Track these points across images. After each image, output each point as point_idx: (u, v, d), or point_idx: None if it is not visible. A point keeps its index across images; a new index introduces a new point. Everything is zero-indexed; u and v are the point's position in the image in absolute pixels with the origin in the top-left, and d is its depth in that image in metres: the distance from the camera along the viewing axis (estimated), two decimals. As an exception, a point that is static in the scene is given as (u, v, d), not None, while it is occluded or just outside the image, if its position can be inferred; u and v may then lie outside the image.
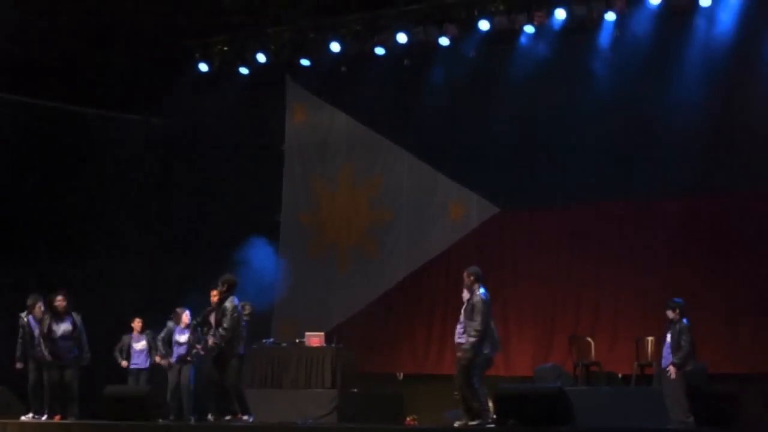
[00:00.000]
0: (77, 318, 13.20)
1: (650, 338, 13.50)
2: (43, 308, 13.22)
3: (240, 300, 12.33)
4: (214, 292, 12.53)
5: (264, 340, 15.42)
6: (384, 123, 16.98)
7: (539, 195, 15.54)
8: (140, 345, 14.63)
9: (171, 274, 16.87)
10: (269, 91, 17.71)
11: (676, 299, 12.40)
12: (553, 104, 15.40)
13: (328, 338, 15.04)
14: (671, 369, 11.96)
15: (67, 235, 16.62)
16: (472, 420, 10.97)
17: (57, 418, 12.90)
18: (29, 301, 13.37)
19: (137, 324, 14.69)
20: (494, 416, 10.98)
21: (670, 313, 12.28)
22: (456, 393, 13.01)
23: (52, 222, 16.50)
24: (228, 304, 12.13)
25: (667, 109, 14.49)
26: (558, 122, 15.29)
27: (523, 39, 15.59)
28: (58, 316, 13.02)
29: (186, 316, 13.89)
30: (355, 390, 14.47)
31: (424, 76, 16.45)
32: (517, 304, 15.45)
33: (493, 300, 14.67)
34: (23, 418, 12.83)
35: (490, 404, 11.82)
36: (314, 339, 14.92)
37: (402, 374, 15.79)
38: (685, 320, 12.20)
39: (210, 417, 12.25)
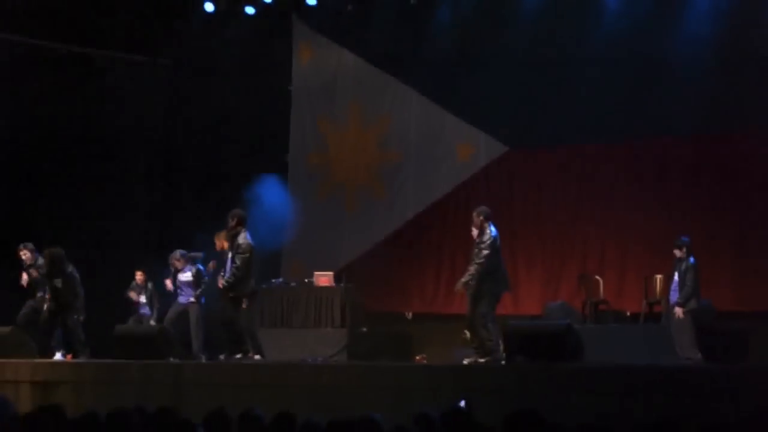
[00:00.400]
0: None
1: (659, 276, 13.50)
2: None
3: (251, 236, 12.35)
4: (220, 237, 12.52)
5: (273, 280, 15.46)
6: (392, 62, 16.87)
7: (548, 134, 15.49)
8: (142, 298, 14.69)
9: (180, 218, 16.86)
10: (276, 31, 17.58)
11: (684, 238, 12.42)
12: (562, 42, 15.29)
13: (337, 278, 15.06)
14: (677, 308, 12.01)
15: (75, 177, 16.57)
16: (482, 357, 11.04)
17: (68, 357, 13.00)
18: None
19: (139, 277, 14.70)
20: (504, 354, 11.05)
21: (677, 252, 12.31)
22: (465, 332, 13.11)
23: (59, 162, 16.43)
24: (241, 240, 12.11)
25: (678, 46, 14.38)
26: (567, 60, 15.18)
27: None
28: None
29: (178, 257, 13.74)
30: (365, 329, 14.52)
31: (431, 14, 16.36)
32: (526, 243, 15.46)
33: (502, 239, 14.71)
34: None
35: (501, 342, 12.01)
36: (323, 278, 14.94)
37: (411, 313, 15.84)
38: (691, 259, 12.23)
39: (221, 356, 12.30)
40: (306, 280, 15.15)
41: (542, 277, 15.37)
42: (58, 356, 12.86)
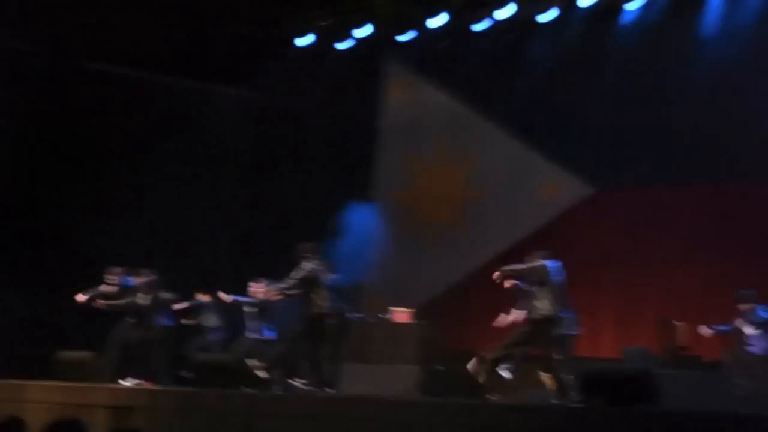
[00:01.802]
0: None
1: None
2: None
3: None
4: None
5: (349, 314, 15.45)
6: (480, 100, 16.93)
7: (633, 176, 15.36)
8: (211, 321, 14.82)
9: (264, 249, 16.99)
10: (367, 68, 17.74)
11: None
12: (650, 83, 15.23)
13: (415, 315, 15.01)
14: None
15: (162, 207, 16.82)
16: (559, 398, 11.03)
17: (147, 384, 13.14)
18: None
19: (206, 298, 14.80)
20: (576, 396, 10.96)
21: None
22: (541, 373, 12.97)
23: (147, 194, 16.70)
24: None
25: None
26: (655, 102, 15.09)
27: (622, 16, 15.39)
28: None
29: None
30: (439, 367, 14.43)
31: (522, 53, 16.37)
32: (606, 286, 15.32)
33: (582, 281, 14.63)
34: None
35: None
36: (401, 315, 14.91)
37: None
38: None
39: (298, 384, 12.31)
40: (383, 316, 15.13)
41: (621, 319, 15.21)
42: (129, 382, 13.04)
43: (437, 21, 16.48)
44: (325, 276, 12.40)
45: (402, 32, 17.13)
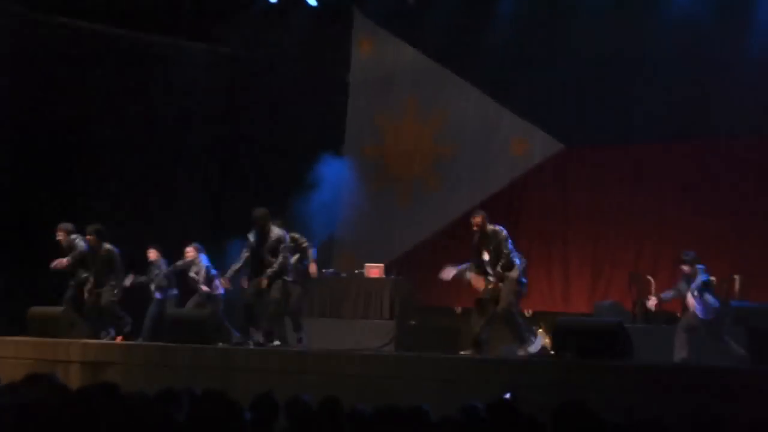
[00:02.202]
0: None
1: (712, 278, 13.35)
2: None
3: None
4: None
5: (324, 270, 15.50)
6: (450, 57, 16.90)
7: (604, 132, 15.41)
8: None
9: (235, 205, 16.95)
10: (336, 24, 17.65)
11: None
12: (621, 39, 15.19)
13: (388, 270, 15.07)
14: None
15: (129, 161, 16.71)
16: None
17: (119, 339, 13.14)
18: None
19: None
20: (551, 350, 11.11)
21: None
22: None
23: (115, 147, 16.57)
24: (273, 235, 12.22)
25: (741, 46, 14.23)
26: (626, 58, 15.09)
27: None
28: None
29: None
30: (413, 322, 14.52)
31: (491, 9, 16.33)
32: (578, 241, 15.44)
33: (554, 236, 14.75)
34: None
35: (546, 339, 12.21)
36: (374, 270, 14.96)
37: (460, 308, 15.81)
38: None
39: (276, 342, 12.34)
40: (356, 271, 15.18)
41: (593, 275, 15.31)
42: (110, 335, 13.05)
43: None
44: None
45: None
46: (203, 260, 14.03)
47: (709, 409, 5.90)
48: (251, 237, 12.28)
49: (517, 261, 11.69)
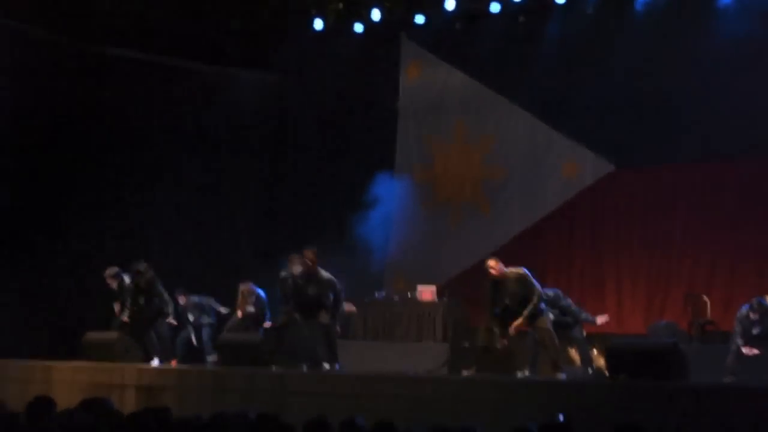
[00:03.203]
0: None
1: (768, 298, 13.21)
2: None
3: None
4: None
5: (376, 293, 15.54)
6: (499, 80, 16.88)
7: (656, 153, 15.31)
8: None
9: (284, 232, 17.04)
10: (384, 49, 17.73)
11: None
12: (672, 60, 15.10)
13: (440, 292, 15.05)
14: None
15: (180, 186, 16.85)
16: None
17: (173, 363, 13.24)
18: None
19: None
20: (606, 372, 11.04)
21: None
22: (569, 348, 13.04)
23: (167, 171, 16.71)
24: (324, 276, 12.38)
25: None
26: (677, 79, 14.99)
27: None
28: None
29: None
30: (466, 344, 14.48)
31: (539, 32, 16.32)
32: (631, 262, 15.32)
33: (606, 258, 14.62)
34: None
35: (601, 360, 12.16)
36: (426, 293, 14.94)
37: (514, 329, 15.72)
38: None
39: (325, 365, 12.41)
40: (409, 294, 15.18)
41: (647, 296, 15.18)
42: (155, 363, 13.12)
43: (453, 2, 16.46)
44: None
45: (418, 13, 17.12)
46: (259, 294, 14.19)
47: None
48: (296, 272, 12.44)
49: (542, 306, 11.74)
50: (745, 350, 11.66)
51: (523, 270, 11.87)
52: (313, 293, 12.46)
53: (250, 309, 13.80)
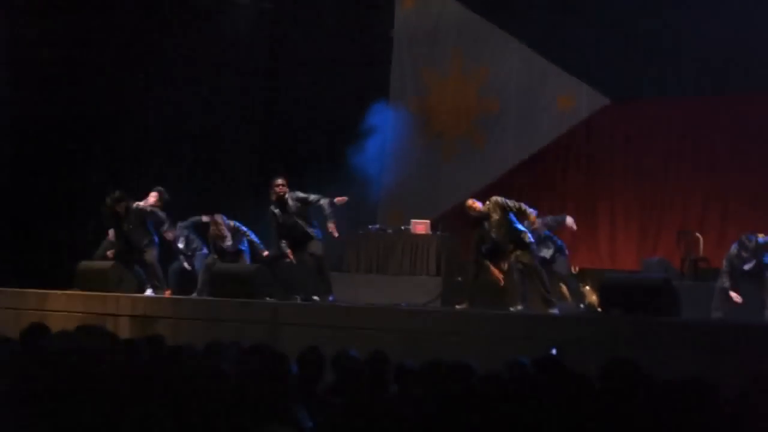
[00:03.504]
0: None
1: (760, 235, 13.21)
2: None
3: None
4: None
5: (370, 226, 15.52)
6: (495, 11, 16.72)
7: (651, 86, 15.28)
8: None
9: (277, 165, 16.98)
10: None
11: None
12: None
13: (434, 226, 15.04)
14: None
15: (169, 115, 16.72)
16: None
17: (167, 293, 13.26)
18: None
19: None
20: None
21: None
22: (560, 284, 13.08)
23: (156, 98, 16.59)
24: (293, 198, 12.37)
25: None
26: (675, 13, 14.86)
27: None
28: None
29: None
30: (459, 278, 14.51)
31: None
32: (624, 197, 15.35)
33: (600, 193, 14.61)
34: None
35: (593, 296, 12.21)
36: (420, 226, 14.91)
37: (506, 264, 15.77)
38: None
39: (315, 297, 12.45)
40: (402, 227, 15.16)
41: (640, 232, 15.22)
42: (148, 292, 13.12)
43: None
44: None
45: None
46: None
47: (756, 367, 5.88)
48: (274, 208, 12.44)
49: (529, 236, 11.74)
50: (733, 295, 11.67)
51: (497, 198, 11.86)
52: (289, 222, 12.44)
53: (228, 243, 13.63)
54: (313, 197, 12.51)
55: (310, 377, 5.98)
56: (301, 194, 12.53)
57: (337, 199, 12.50)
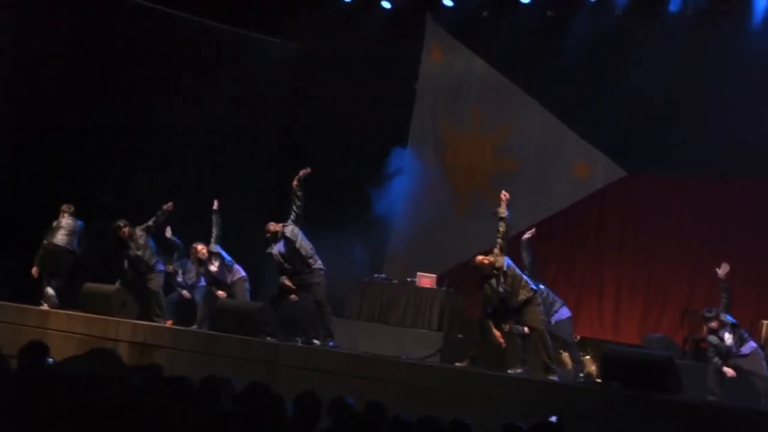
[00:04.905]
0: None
1: (766, 321, 13.19)
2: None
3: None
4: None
5: (376, 275, 15.51)
6: (519, 72, 16.82)
7: (669, 164, 15.26)
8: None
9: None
10: (408, 28, 17.66)
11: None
12: (694, 73, 15.03)
13: (440, 281, 15.02)
14: None
15: (193, 149, 16.80)
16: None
17: (169, 323, 13.22)
18: None
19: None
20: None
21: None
22: (561, 351, 13.02)
23: (181, 134, 16.68)
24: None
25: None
26: (699, 92, 14.91)
27: (671, 4, 15.27)
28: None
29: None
30: (460, 336, 14.47)
31: (565, 29, 16.23)
32: (632, 270, 15.31)
33: (608, 264, 14.52)
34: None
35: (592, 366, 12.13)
36: (426, 280, 14.92)
37: (508, 326, 15.71)
38: None
39: (316, 341, 12.41)
40: (408, 279, 15.15)
41: (644, 306, 15.16)
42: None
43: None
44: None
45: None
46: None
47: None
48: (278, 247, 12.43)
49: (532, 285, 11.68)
50: (726, 370, 11.63)
51: (509, 264, 11.79)
52: (279, 261, 12.47)
53: (213, 268, 13.59)
54: (288, 234, 12.49)
55: (305, 421, 5.93)
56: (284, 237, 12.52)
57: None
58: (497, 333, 11.72)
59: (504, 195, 11.79)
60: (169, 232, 13.97)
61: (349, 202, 16.21)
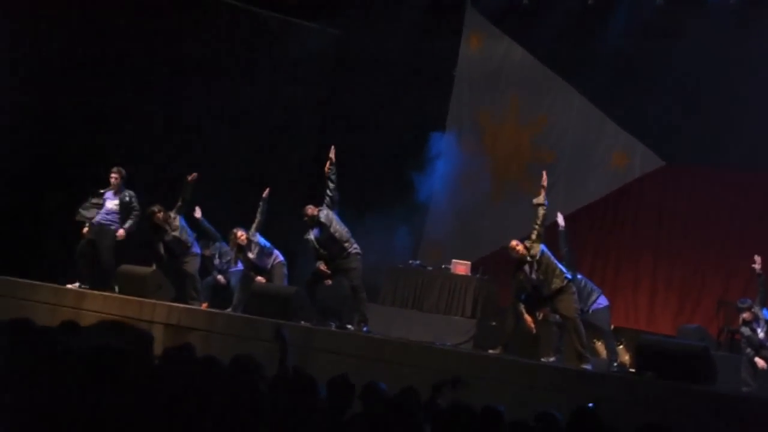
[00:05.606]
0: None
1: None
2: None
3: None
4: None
5: (410, 261, 15.52)
6: (558, 61, 16.75)
7: (707, 153, 15.16)
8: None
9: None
10: (448, 16, 17.62)
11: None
12: (735, 64, 14.92)
13: (474, 268, 15.01)
14: None
15: (228, 132, 16.84)
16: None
17: (204, 306, 13.29)
18: None
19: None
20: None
21: None
22: (594, 340, 12.99)
23: (217, 116, 16.72)
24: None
25: None
26: (741, 83, 14.80)
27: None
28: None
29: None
30: (494, 323, 14.45)
31: (606, 17, 16.13)
32: (668, 261, 15.22)
33: (644, 253, 14.45)
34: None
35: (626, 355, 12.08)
36: (460, 267, 14.90)
37: (542, 314, 15.68)
38: None
39: (350, 326, 12.44)
40: (443, 266, 15.14)
41: (680, 297, 15.08)
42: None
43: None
44: None
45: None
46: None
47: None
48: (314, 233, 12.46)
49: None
50: (758, 360, 11.59)
51: (543, 251, 11.75)
52: (318, 245, 12.51)
53: (252, 255, 13.62)
54: (323, 219, 12.55)
55: (338, 404, 5.96)
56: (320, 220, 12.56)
57: None
58: (528, 318, 11.69)
59: (544, 180, 11.71)
60: (198, 213, 13.99)
61: (389, 187, 16.20)
